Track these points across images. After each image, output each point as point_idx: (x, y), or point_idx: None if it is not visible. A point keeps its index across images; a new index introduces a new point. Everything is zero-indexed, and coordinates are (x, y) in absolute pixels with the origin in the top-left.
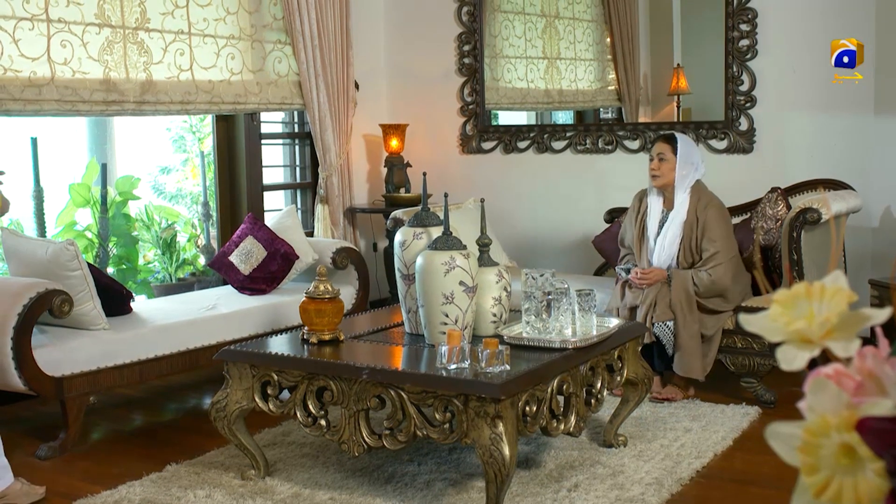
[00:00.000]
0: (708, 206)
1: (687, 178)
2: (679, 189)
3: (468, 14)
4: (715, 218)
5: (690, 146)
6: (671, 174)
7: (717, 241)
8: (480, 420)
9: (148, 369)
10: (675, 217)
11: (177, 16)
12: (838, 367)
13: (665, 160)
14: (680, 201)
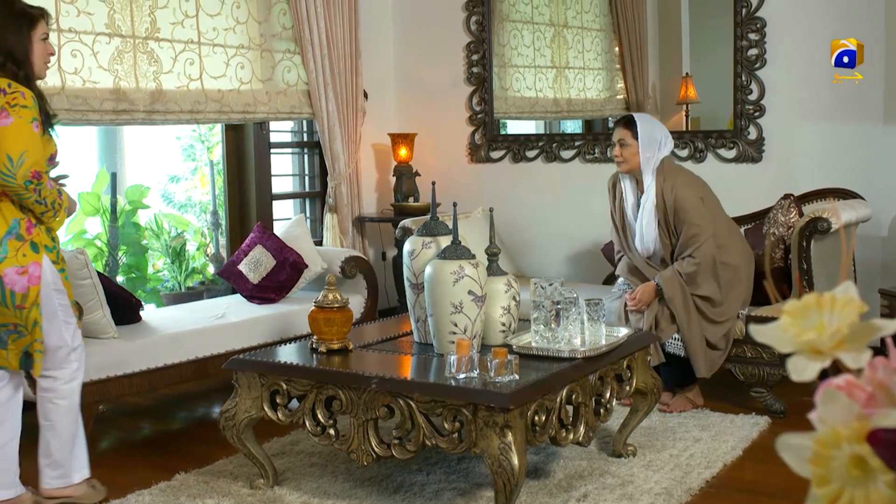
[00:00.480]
0: (676, 187)
1: (651, 160)
2: (646, 172)
3: (477, 23)
4: (683, 198)
5: (651, 125)
6: (635, 158)
7: (691, 221)
8: (489, 430)
9: (157, 378)
10: (646, 202)
11: (186, 25)
12: (849, 378)
13: (626, 145)
14: (648, 184)
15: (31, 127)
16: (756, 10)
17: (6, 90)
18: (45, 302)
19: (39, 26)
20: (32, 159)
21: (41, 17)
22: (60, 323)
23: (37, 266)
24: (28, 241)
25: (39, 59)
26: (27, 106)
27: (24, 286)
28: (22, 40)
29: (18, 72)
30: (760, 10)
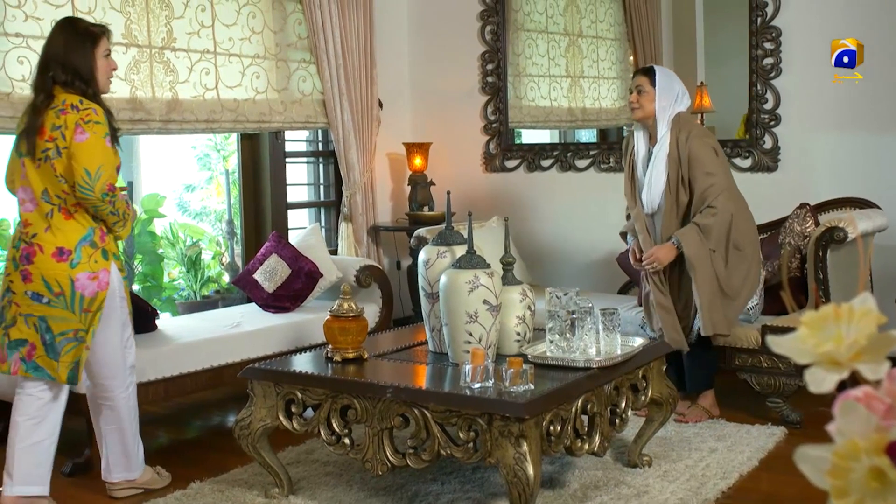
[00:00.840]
0: (690, 138)
1: (667, 109)
2: (660, 121)
3: (492, 33)
4: (699, 148)
5: (670, 77)
6: (650, 106)
7: (706, 170)
8: (504, 439)
9: (172, 387)
10: (659, 152)
11: (202, 35)
12: (867, 389)
13: (644, 92)
14: (662, 134)
15: (104, 142)
16: (771, 19)
17: (79, 107)
18: (107, 307)
19: (102, 43)
20: (107, 173)
21: (103, 35)
22: (119, 329)
23: (106, 272)
24: (100, 248)
25: (103, 75)
26: (99, 122)
27: (94, 290)
28: (87, 58)
29: (87, 89)
30: (776, 20)
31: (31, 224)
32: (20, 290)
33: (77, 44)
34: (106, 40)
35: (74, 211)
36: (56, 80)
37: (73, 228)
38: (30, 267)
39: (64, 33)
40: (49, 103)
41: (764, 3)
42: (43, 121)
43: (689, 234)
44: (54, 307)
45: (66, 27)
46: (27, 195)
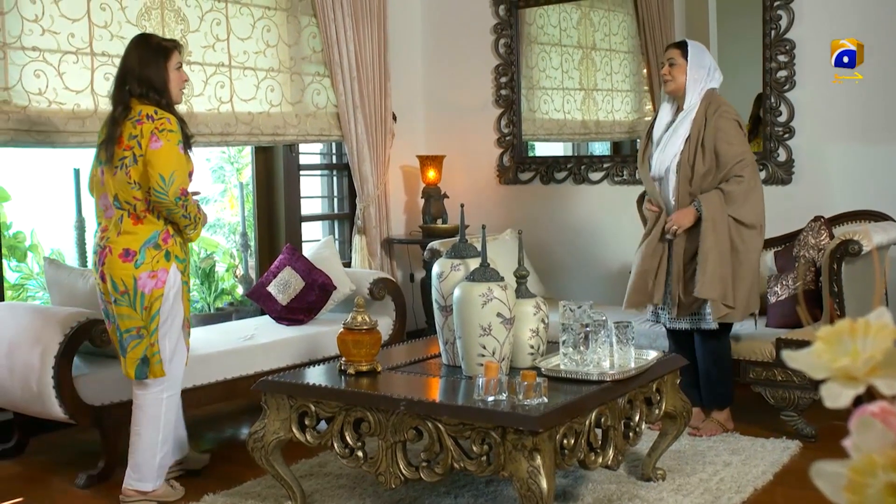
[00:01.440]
0: (719, 112)
1: (699, 82)
2: (690, 93)
3: (505, 46)
4: (729, 122)
5: (702, 51)
6: (681, 77)
7: (736, 143)
8: (518, 453)
9: (185, 399)
10: (685, 119)
11: (217, 49)
12: (884, 405)
13: (675, 64)
14: (690, 104)
15: (177, 149)
16: (785, 32)
17: (153, 117)
18: (163, 306)
19: (174, 57)
20: (180, 178)
21: (174, 49)
22: (167, 330)
23: (165, 272)
24: (164, 250)
25: (175, 86)
26: (173, 130)
27: (151, 288)
28: (160, 71)
29: (161, 100)
30: (789, 32)
31: (107, 229)
32: (102, 290)
33: (150, 58)
34: (177, 54)
35: (143, 216)
36: (132, 92)
37: (140, 232)
38: (104, 268)
39: (138, 49)
40: (126, 114)
41: (778, 15)
42: (121, 131)
43: (711, 196)
44: (121, 305)
45: (140, 43)
46: (104, 202)
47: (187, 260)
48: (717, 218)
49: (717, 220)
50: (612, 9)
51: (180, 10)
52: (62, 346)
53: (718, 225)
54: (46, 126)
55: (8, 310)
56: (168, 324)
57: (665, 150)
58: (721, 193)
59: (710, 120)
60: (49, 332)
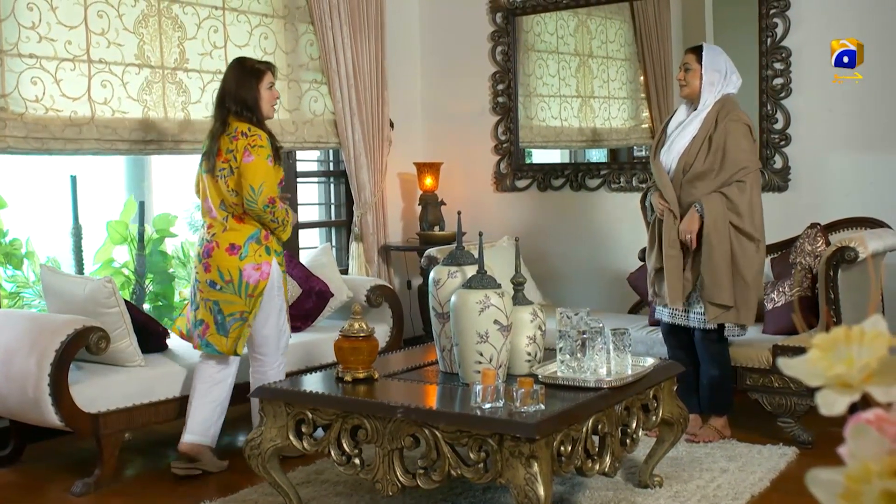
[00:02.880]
0: (730, 115)
1: (714, 86)
2: (706, 96)
3: (502, 53)
4: (737, 126)
5: (717, 54)
6: (695, 82)
7: (744, 149)
8: (515, 460)
9: (183, 406)
10: (696, 117)
11: (215, 56)
12: (879, 412)
13: (690, 69)
14: (704, 105)
15: (266, 162)
16: (781, 40)
17: (247, 133)
18: (266, 295)
19: (266, 77)
20: (268, 189)
21: (267, 70)
22: (276, 314)
23: (268, 265)
24: (264, 245)
25: (267, 104)
26: (263, 146)
27: (256, 279)
28: (252, 91)
29: (252, 117)
30: (785, 40)
31: (213, 226)
32: (203, 280)
33: (245, 79)
34: (270, 74)
35: (244, 217)
36: (229, 110)
37: (244, 229)
38: (209, 260)
39: (234, 71)
40: (224, 130)
41: (774, 23)
42: (219, 145)
43: (713, 199)
44: (226, 293)
45: (236, 66)
46: (208, 205)
47: (282, 253)
48: (719, 221)
49: (718, 223)
50: (609, 16)
51: (178, 18)
52: (58, 353)
53: (720, 227)
54: (43, 133)
55: (4, 317)
56: (267, 310)
57: (672, 147)
58: (723, 198)
59: (721, 122)
60: (45, 340)
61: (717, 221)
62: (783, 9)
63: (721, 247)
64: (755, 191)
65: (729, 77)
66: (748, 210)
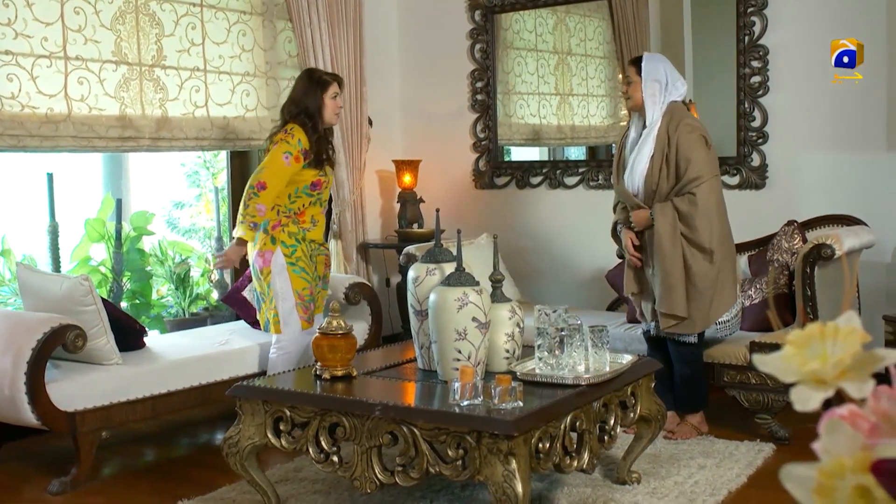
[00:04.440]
0: (681, 125)
1: (656, 97)
2: (650, 109)
3: (481, 51)
4: (688, 137)
5: (657, 63)
6: (637, 94)
7: (694, 158)
8: (493, 457)
9: (160, 404)
10: (648, 136)
11: (192, 53)
12: (853, 408)
13: (632, 82)
14: (652, 119)
15: (281, 157)
16: (758, 38)
17: (288, 131)
18: (272, 280)
19: (331, 88)
20: (265, 176)
21: (333, 81)
22: (281, 301)
23: (270, 253)
24: (270, 235)
25: (330, 112)
26: (289, 142)
27: (261, 266)
28: (316, 100)
29: (308, 122)
30: (763, 38)
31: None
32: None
33: (311, 89)
34: (336, 85)
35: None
36: (290, 113)
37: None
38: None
39: (303, 80)
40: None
41: (751, 22)
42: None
43: (665, 209)
44: (254, 276)
45: (304, 76)
46: None
47: (298, 245)
48: (670, 230)
49: (668, 232)
50: (588, 14)
51: (155, 15)
52: (35, 351)
53: (671, 237)
54: (19, 130)
55: None
56: (278, 294)
57: (634, 170)
58: (674, 208)
59: (673, 136)
60: (21, 338)
61: (666, 230)
62: (761, 7)
63: (672, 256)
64: (712, 199)
65: (672, 85)
66: (702, 222)
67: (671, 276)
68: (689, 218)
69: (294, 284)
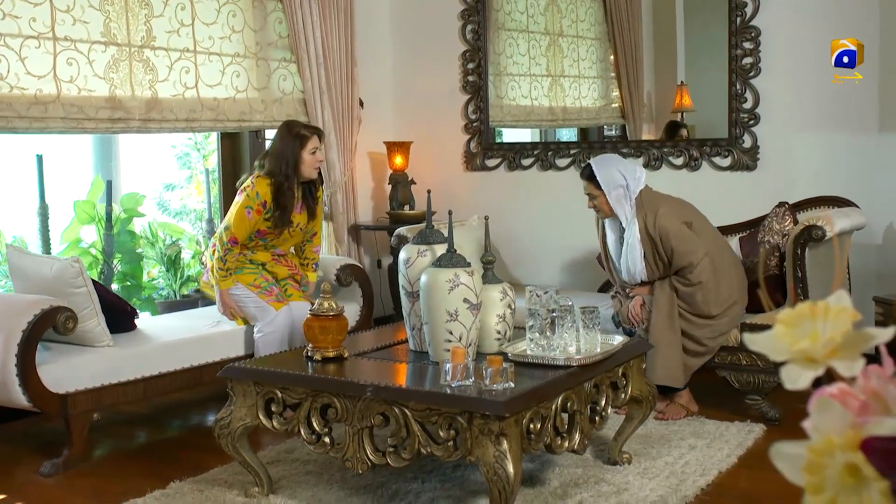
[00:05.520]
0: (658, 217)
1: (622, 198)
2: (620, 213)
3: (473, 32)
4: (667, 227)
5: (610, 169)
6: (605, 206)
7: (680, 249)
8: (484, 437)
9: (152, 386)
10: (630, 238)
11: (182, 34)
12: (843, 386)
13: (595, 197)
14: (629, 220)
15: (243, 211)
16: (751, 20)
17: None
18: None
19: (310, 143)
20: (233, 229)
21: (312, 135)
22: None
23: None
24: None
25: (308, 167)
26: (249, 195)
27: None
28: (294, 155)
29: (283, 180)
30: (755, 20)
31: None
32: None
33: (288, 143)
34: (316, 139)
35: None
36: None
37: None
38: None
39: (280, 133)
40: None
41: (743, 3)
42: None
43: (663, 286)
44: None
45: (285, 130)
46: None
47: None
48: (667, 302)
49: (668, 304)
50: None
51: None
52: (25, 333)
53: (670, 307)
54: (7, 112)
55: None
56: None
57: (631, 271)
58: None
59: (653, 231)
60: (12, 320)
61: (662, 304)
62: None
63: (665, 329)
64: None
65: (632, 181)
66: (702, 297)
67: (666, 350)
68: (688, 296)
69: (243, 280)
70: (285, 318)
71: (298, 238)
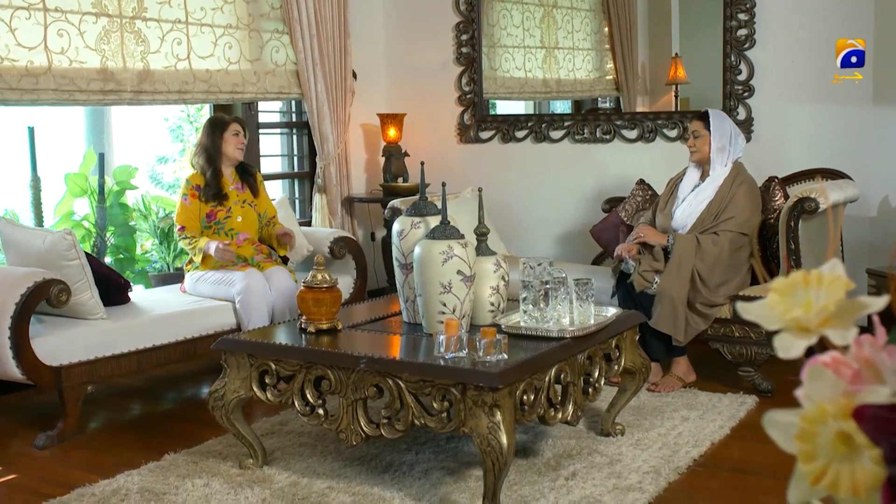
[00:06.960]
0: (742, 184)
1: (724, 150)
2: (716, 162)
3: (466, 3)
4: (743, 194)
5: (723, 120)
6: (705, 148)
7: (737, 212)
8: (478, 409)
9: (146, 359)
10: (710, 184)
11: (174, 5)
12: (836, 355)
13: (699, 136)
14: (717, 173)
15: (180, 199)
16: None
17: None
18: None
19: (230, 127)
20: (176, 217)
21: (232, 122)
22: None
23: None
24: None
25: (231, 147)
26: (182, 186)
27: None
28: (215, 141)
29: (207, 165)
30: None
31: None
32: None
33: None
34: (235, 124)
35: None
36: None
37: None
38: None
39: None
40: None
41: None
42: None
43: (686, 239)
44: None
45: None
46: None
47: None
48: (683, 262)
49: (682, 263)
50: None
51: None
52: (18, 306)
53: (683, 267)
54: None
55: None
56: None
57: (689, 209)
58: (696, 241)
59: (733, 190)
60: (5, 293)
61: (681, 262)
62: None
63: (678, 284)
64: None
65: (735, 140)
66: (714, 261)
67: (673, 301)
68: (708, 256)
69: (203, 267)
70: (259, 282)
71: (253, 218)
